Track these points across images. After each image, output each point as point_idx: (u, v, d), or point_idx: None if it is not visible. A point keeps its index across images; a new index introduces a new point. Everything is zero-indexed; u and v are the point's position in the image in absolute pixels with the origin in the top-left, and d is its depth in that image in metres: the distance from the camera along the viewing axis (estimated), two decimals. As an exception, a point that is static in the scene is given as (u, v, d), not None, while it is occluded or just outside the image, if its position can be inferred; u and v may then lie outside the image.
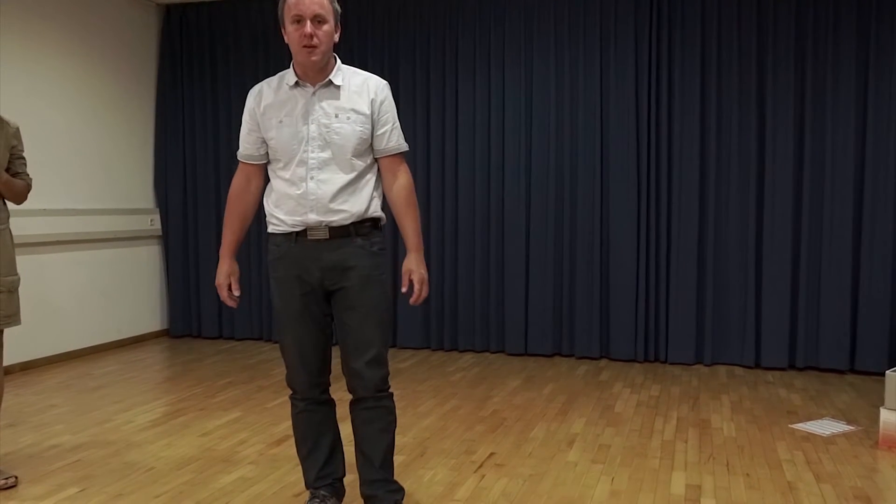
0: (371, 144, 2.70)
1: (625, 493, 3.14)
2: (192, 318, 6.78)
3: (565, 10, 5.75)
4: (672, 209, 5.61)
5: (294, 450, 2.93)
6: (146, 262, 6.65)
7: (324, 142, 2.63)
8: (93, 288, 6.06)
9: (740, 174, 5.47)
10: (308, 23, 2.51)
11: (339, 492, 2.86)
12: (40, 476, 3.35)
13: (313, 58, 2.56)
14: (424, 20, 6.07)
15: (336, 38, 2.63)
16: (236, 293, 2.80)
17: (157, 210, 6.73)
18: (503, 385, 5.02)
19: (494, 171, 5.95)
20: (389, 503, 2.76)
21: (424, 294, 2.81)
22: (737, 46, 5.43)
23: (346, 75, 2.69)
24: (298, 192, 2.65)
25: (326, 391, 2.82)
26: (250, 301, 6.57)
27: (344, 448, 2.90)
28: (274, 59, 6.37)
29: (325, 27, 2.55)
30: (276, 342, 6.44)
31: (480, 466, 3.46)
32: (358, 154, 2.66)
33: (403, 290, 2.81)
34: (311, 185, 2.64)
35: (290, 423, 3.36)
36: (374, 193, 2.73)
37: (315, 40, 2.53)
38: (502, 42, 5.90)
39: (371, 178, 2.73)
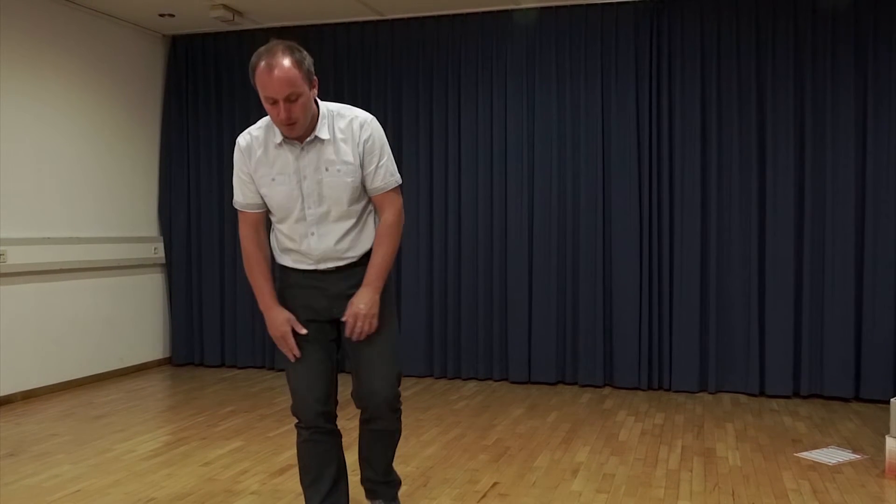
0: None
1: (629, 523, 3.11)
2: (194, 346, 6.77)
3: (566, 37, 5.80)
4: (674, 238, 5.61)
5: (297, 479, 2.91)
6: (149, 291, 6.66)
7: (318, 197, 2.63)
8: (96, 316, 6.06)
9: (742, 201, 5.49)
10: (281, 103, 2.46)
11: None
12: (41, 506, 3.33)
13: (293, 133, 2.55)
14: (427, 49, 6.12)
15: (314, 94, 2.58)
16: (303, 331, 2.67)
17: (161, 238, 6.74)
18: (507, 413, 4.99)
19: (497, 199, 5.96)
20: (388, 498, 2.95)
21: (365, 330, 2.64)
22: (736, 67, 5.47)
23: (330, 123, 2.63)
24: (301, 247, 2.68)
25: (332, 421, 2.79)
26: (253, 329, 6.56)
27: (349, 478, 2.88)
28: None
29: (301, 100, 2.47)
30: (279, 370, 6.42)
31: (484, 496, 3.43)
32: (354, 201, 2.67)
33: (343, 318, 2.68)
34: (313, 240, 2.66)
35: (293, 452, 3.34)
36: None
37: (292, 117, 2.49)
38: (504, 70, 5.94)
39: (372, 214, 2.76)
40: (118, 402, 5.37)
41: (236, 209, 2.79)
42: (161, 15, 6.13)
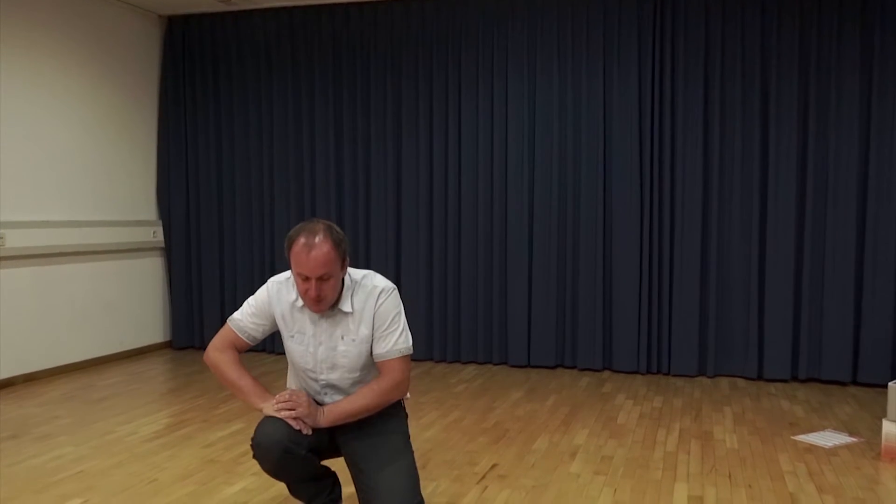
0: None
1: (627, 504, 3.14)
2: (194, 329, 6.78)
3: (568, 23, 5.78)
4: (675, 221, 5.62)
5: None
6: (149, 274, 6.67)
7: (332, 364, 2.67)
8: (95, 300, 6.07)
9: (743, 187, 5.49)
10: (314, 282, 2.49)
11: (338, 500, 2.87)
12: (43, 487, 3.35)
13: (318, 310, 2.58)
14: (427, 32, 6.10)
15: (344, 271, 2.60)
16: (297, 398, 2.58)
17: (160, 222, 6.75)
18: (506, 396, 5.02)
19: (497, 183, 5.96)
20: None
21: (291, 415, 2.53)
22: (740, 57, 5.45)
23: (353, 295, 2.64)
24: (318, 399, 2.72)
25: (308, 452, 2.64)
26: (253, 313, 6.56)
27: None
28: (276, 70, 6.41)
29: (332, 280, 2.52)
30: (279, 353, 6.44)
31: (483, 478, 3.46)
32: (367, 367, 2.69)
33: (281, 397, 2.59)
34: (326, 399, 2.72)
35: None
36: None
37: (322, 296, 2.52)
38: (505, 56, 5.93)
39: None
40: (119, 385, 5.39)
41: (228, 322, 2.79)
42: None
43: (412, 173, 6.16)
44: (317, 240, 2.47)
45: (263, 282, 6.88)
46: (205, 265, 6.71)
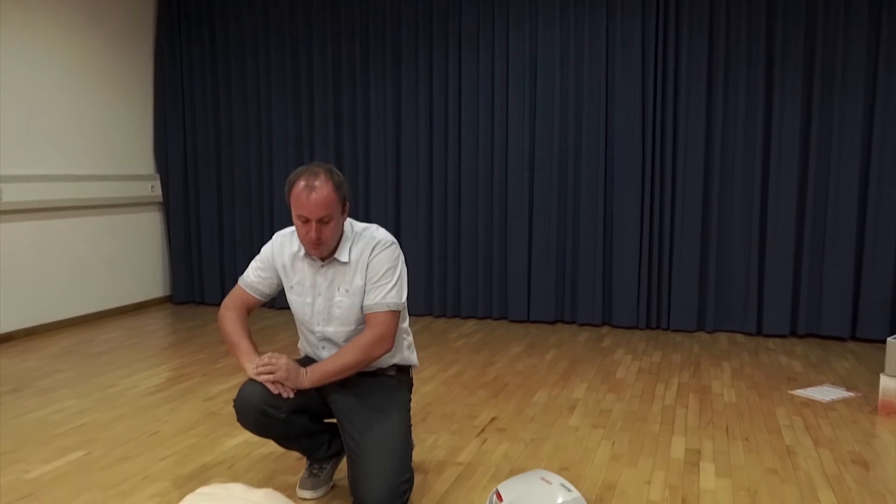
0: None
1: (625, 456, 3.16)
2: (194, 284, 6.80)
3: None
4: (676, 177, 5.59)
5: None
6: (147, 229, 6.65)
7: (328, 315, 2.66)
8: (94, 254, 6.07)
9: (746, 143, 5.45)
10: (314, 224, 2.48)
11: (340, 453, 2.88)
12: (46, 440, 3.38)
13: (318, 253, 2.57)
14: (427, -16, 6.01)
15: (345, 218, 2.60)
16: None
17: (158, 176, 6.71)
18: (505, 351, 5.04)
19: (498, 138, 5.92)
20: None
21: (269, 379, 2.50)
22: (746, 16, 5.36)
23: (352, 245, 2.62)
24: (314, 354, 2.75)
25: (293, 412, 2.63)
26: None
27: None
28: (274, 23, 6.32)
29: (332, 223, 2.50)
30: (279, 308, 6.47)
31: (482, 431, 3.49)
32: (360, 320, 2.66)
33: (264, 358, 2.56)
34: (324, 353, 2.71)
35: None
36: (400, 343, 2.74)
37: (321, 239, 2.51)
38: (506, 14, 5.83)
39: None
40: (119, 339, 5.41)
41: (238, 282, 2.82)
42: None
43: (412, 130, 6.11)
44: (317, 182, 2.46)
45: (262, 235, 6.90)
46: (203, 219, 6.70)
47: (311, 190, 2.45)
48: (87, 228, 5.99)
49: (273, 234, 6.41)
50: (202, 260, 6.74)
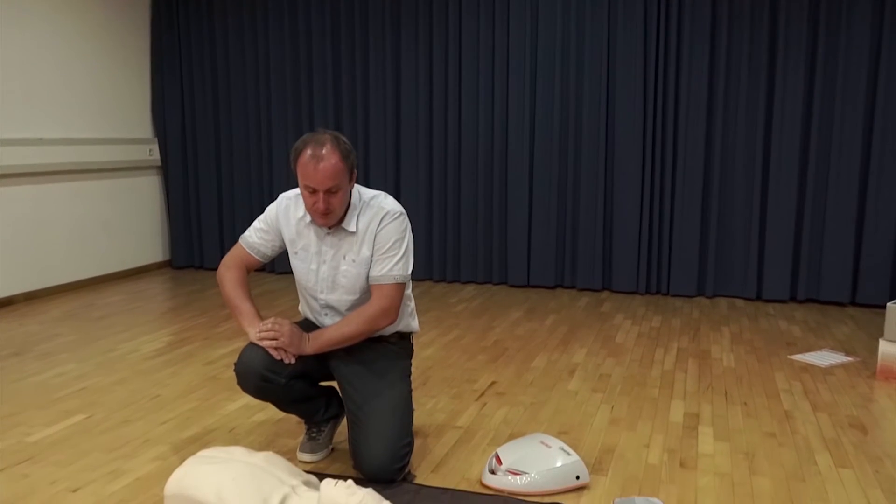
0: None
1: (624, 420, 3.18)
2: (193, 248, 6.79)
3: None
4: (678, 142, 5.55)
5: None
6: (146, 193, 6.63)
7: (332, 283, 2.63)
8: (93, 219, 6.05)
9: (748, 106, 5.40)
10: (321, 194, 2.43)
11: (338, 416, 2.89)
12: (47, 403, 3.39)
13: (325, 223, 2.53)
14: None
15: (352, 186, 2.55)
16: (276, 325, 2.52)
17: (156, 140, 6.67)
18: (505, 316, 5.04)
19: (498, 101, 5.87)
20: None
21: (272, 345, 2.50)
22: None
23: (359, 214, 2.58)
24: (319, 320, 2.72)
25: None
26: (252, 232, 6.55)
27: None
28: (273, -15, 6.25)
29: (340, 193, 2.45)
30: (279, 273, 6.47)
31: (482, 395, 3.50)
32: (364, 289, 2.64)
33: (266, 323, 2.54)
34: (326, 320, 2.69)
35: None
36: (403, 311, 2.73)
37: (329, 209, 2.46)
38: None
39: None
40: (119, 303, 5.41)
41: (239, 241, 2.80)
42: None
43: (412, 92, 6.06)
44: (324, 151, 2.41)
45: (262, 199, 6.87)
46: (202, 183, 6.67)
47: (318, 160, 2.40)
48: (86, 192, 5.97)
49: (273, 198, 6.39)
50: (201, 224, 6.73)
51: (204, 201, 6.68)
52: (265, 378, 2.52)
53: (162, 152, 6.69)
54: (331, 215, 2.48)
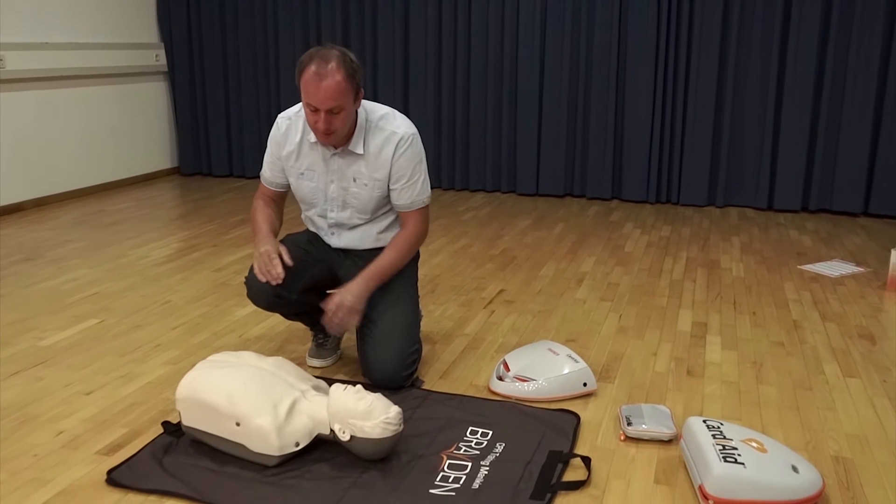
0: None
1: (632, 329, 3.19)
2: (202, 156, 6.74)
3: None
4: (692, 48, 5.40)
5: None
6: (153, 99, 6.55)
7: (343, 203, 2.58)
8: (101, 125, 5.99)
9: (764, 13, 5.23)
10: (322, 114, 2.32)
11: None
12: (60, 308, 3.43)
13: (328, 142, 2.44)
14: None
15: (357, 105, 2.44)
16: (289, 261, 2.44)
17: (162, 45, 6.54)
18: (514, 224, 5.03)
19: (509, 6, 5.71)
20: None
21: (341, 322, 2.43)
22: None
23: (367, 137, 2.50)
24: (325, 238, 2.69)
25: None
26: (260, 140, 6.50)
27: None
28: None
29: (343, 113, 2.36)
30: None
31: (490, 302, 3.51)
32: (379, 210, 2.61)
33: (323, 306, 2.46)
34: (334, 239, 2.66)
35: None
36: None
37: (331, 129, 2.36)
38: None
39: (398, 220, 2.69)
40: (129, 210, 5.41)
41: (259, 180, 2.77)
42: None
43: (420, 13, 5.90)
44: (329, 68, 2.30)
45: (269, 106, 6.80)
46: (210, 91, 6.57)
47: (322, 77, 2.30)
48: (93, 98, 5.89)
49: (280, 106, 6.30)
50: (209, 131, 6.66)
51: (211, 108, 6.59)
52: (278, 295, 2.53)
53: (168, 57, 6.57)
54: (333, 136, 2.41)
